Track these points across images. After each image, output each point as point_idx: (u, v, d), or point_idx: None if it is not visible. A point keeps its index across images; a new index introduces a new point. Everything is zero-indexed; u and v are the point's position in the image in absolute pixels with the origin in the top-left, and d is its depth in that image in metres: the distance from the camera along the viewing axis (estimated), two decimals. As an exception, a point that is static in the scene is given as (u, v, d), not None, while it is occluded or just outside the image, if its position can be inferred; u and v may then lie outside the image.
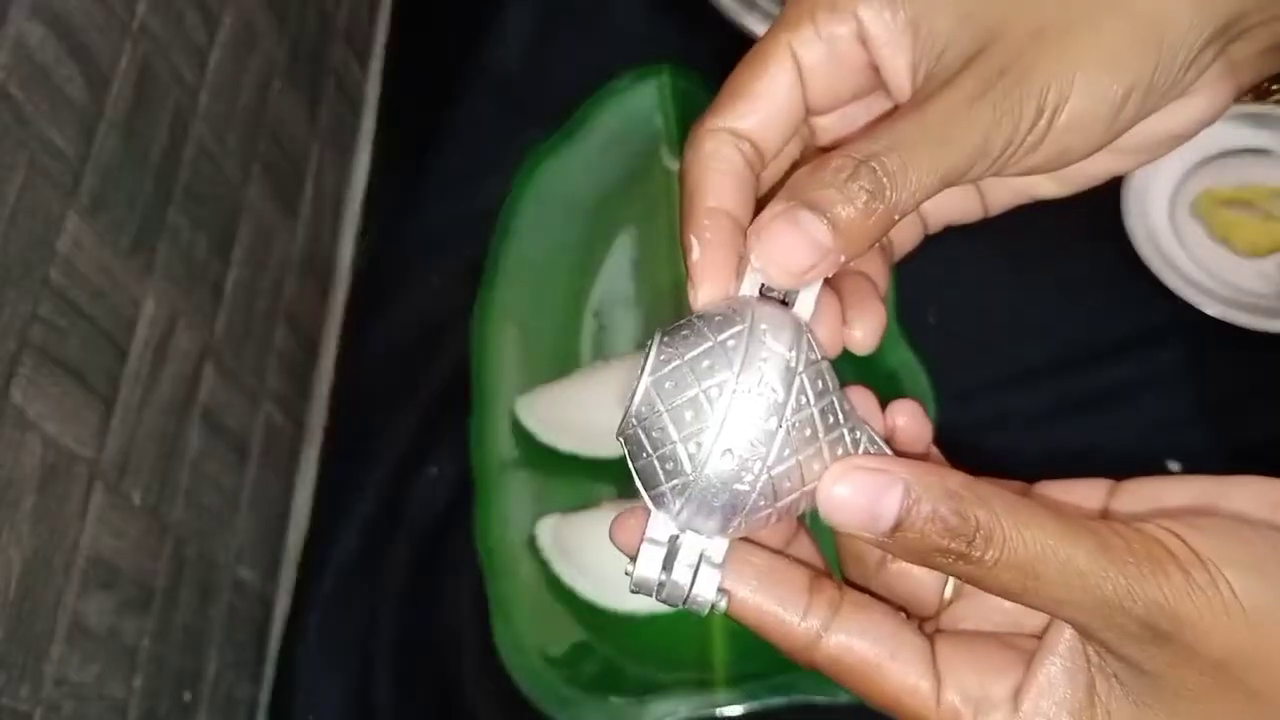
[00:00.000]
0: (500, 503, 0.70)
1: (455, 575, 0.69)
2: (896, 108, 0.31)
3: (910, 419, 0.31)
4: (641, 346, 0.74)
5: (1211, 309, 0.69)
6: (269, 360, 0.77)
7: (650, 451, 0.27)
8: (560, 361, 0.75)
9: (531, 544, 0.68)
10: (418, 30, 0.97)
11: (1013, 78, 0.28)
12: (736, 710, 0.63)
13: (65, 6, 0.55)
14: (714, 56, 0.88)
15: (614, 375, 0.73)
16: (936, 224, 0.36)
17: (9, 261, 0.50)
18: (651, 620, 0.65)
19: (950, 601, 0.31)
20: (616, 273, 0.78)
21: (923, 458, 0.31)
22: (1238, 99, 0.33)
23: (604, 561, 0.67)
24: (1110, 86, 0.28)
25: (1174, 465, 0.66)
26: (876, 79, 0.31)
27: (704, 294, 0.29)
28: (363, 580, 0.71)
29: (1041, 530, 0.25)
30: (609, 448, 0.71)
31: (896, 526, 0.25)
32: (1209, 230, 0.73)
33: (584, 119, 0.83)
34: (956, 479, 0.26)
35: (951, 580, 0.31)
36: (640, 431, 0.28)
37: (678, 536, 0.28)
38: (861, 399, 0.30)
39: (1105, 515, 0.29)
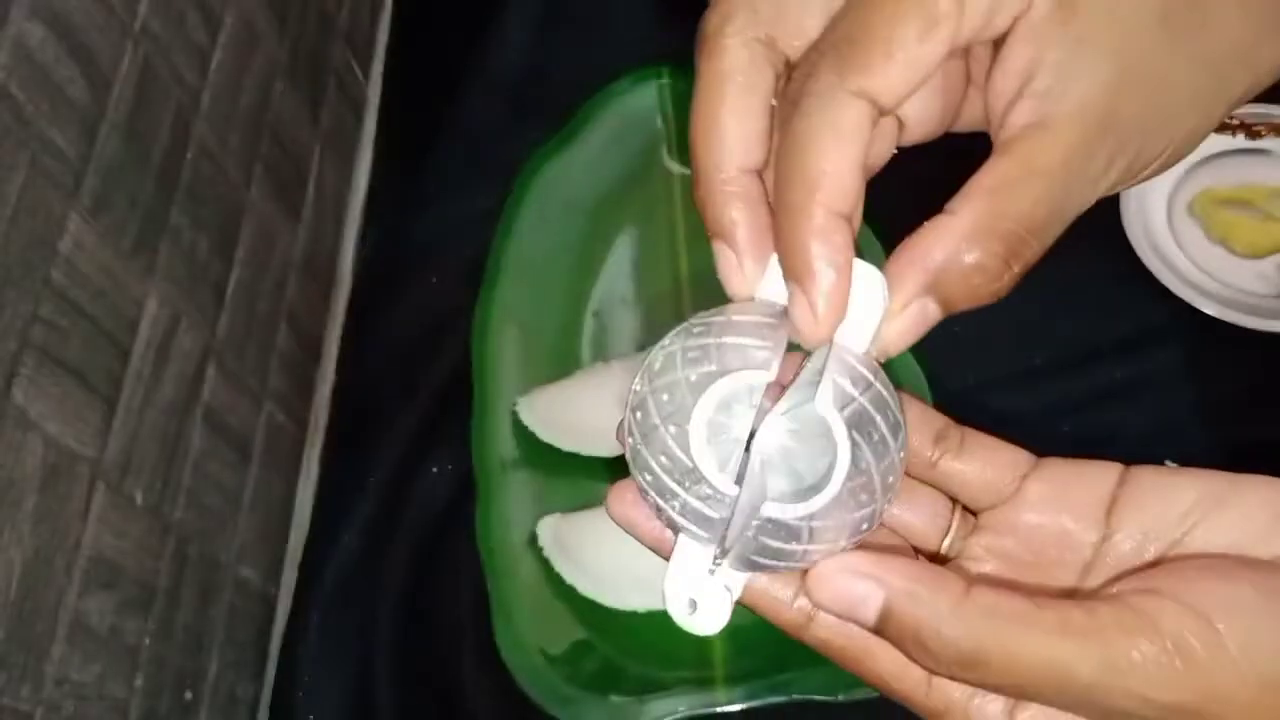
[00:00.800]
0: (501, 502, 0.70)
1: (455, 575, 0.70)
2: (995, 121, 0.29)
3: None
4: (642, 347, 0.75)
5: (1211, 309, 0.69)
6: (271, 360, 0.78)
7: (723, 505, 0.26)
8: (560, 361, 0.75)
9: (532, 543, 0.68)
10: (419, 31, 0.97)
11: (1136, 155, 0.28)
12: (736, 708, 0.63)
13: (65, 7, 0.56)
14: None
15: (614, 375, 0.73)
16: (916, 138, 0.32)
17: (10, 262, 0.51)
18: (651, 619, 0.65)
19: (949, 560, 0.31)
20: (616, 273, 0.78)
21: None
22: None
23: (604, 560, 0.67)
24: (1191, 146, 0.30)
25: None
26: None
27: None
28: (364, 580, 0.72)
29: (1034, 654, 0.25)
30: (609, 447, 0.71)
31: (878, 628, 0.26)
32: (1207, 230, 0.73)
33: (584, 120, 0.83)
34: (948, 599, 0.25)
35: (951, 536, 0.30)
36: (715, 475, 0.26)
37: (709, 567, 0.28)
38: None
39: (1111, 510, 0.29)
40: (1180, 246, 0.73)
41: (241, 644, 0.72)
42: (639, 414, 0.28)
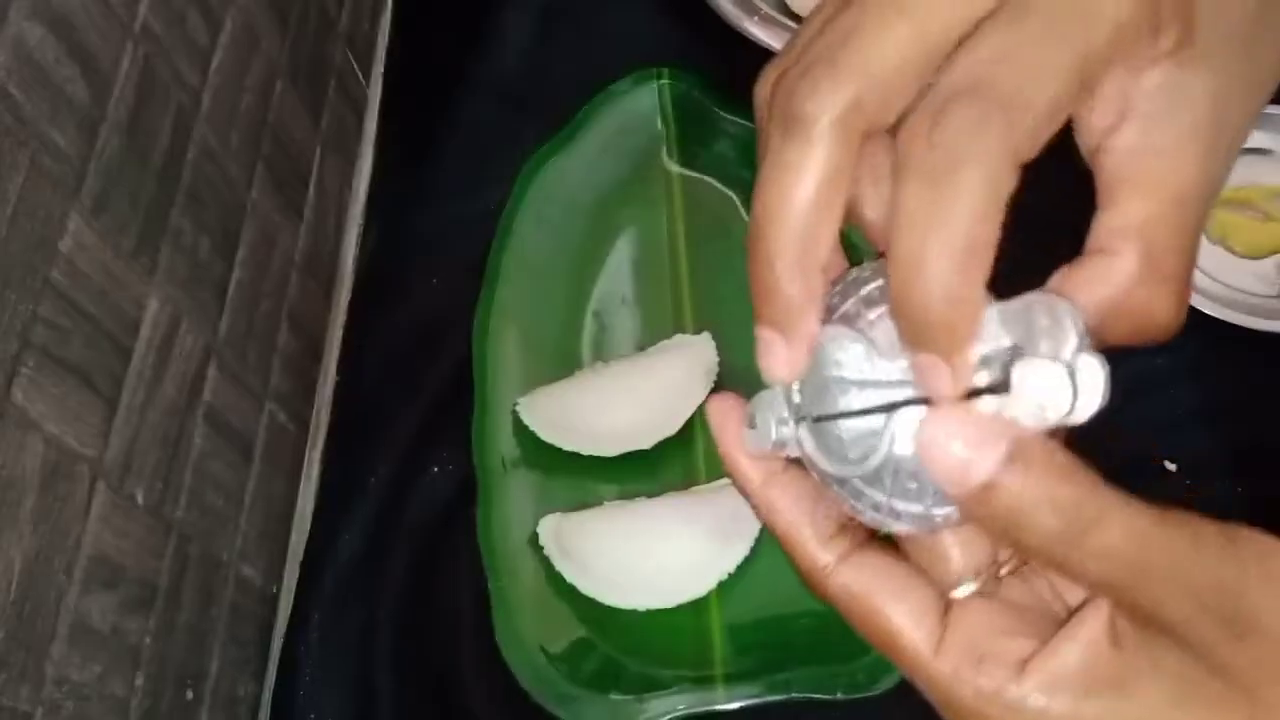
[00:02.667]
0: (502, 501, 0.70)
1: (456, 574, 0.70)
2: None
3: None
4: (642, 347, 0.75)
5: (1211, 309, 0.69)
6: (272, 360, 0.78)
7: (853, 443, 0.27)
8: (561, 361, 0.75)
9: (533, 542, 0.68)
10: (419, 32, 0.97)
11: (1239, 135, 0.28)
12: (735, 706, 0.63)
13: (65, 6, 0.56)
14: (714, 60, 0.88)
15: (614, 375, 0.73)
16: None
17: (11, 262, 0.51)
18: (652, 617, 0.66)
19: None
20: (616, 273, 0.79)
21: None
22: None
23: (605, 559, 0.67)
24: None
25: (1172, 466, 0.66)
26: None
27: (781, 369, 0.27)
28: (365, 579, 0.72)
29: (1147, 522, 0.24)
30: (610, 447, 0.71)
31: (991, 483, 0.24)
32: (1208, 230, 0.73)
33: (584, 121, 0.83)
34: (1067, 455, 0.25)
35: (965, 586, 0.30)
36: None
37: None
38: None
39: None
40: (1180, 246, 0.73)
41: (243, 643, 0.72)
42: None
